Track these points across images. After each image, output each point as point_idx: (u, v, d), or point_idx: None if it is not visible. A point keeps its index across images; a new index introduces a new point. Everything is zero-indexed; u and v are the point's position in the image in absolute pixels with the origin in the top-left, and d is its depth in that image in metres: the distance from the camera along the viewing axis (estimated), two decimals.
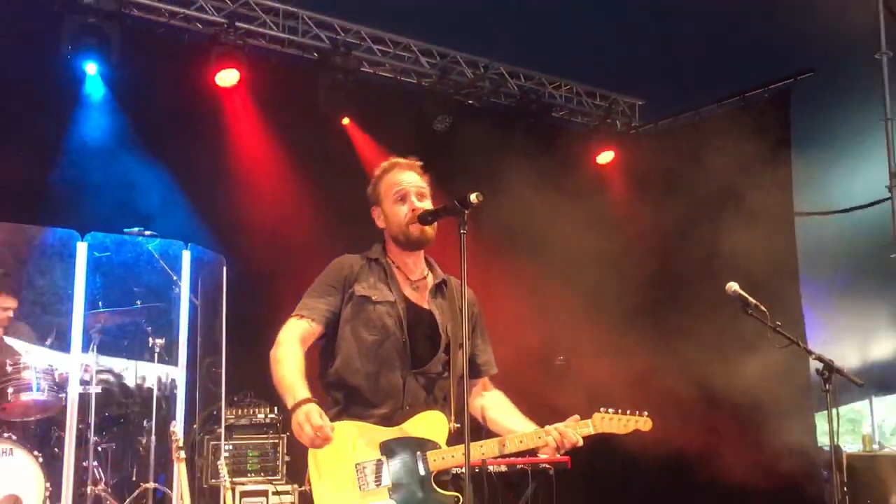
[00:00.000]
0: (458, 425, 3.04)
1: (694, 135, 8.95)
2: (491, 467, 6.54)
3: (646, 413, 3.13)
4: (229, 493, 5.23)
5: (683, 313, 8.66)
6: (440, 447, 3.03)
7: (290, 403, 2.90)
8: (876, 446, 9.93)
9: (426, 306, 3.22)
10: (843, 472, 6.94)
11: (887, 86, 7.42)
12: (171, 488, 6.17)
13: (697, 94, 9.17)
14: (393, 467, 2.98)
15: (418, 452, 3.01)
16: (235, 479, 6.18)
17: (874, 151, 7.66)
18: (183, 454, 4.94)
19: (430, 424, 3.05)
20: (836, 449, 7.82)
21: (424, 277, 3.30)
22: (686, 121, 9.84)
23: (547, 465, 6.84)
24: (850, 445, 13.52)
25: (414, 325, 3.15)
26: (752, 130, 8.49)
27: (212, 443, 6.61)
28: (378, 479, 2.96)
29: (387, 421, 3.05)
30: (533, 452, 3.18)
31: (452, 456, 3.01)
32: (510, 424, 3.20)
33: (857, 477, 6.94)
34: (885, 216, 7.58)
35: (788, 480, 8.49)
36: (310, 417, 2.81)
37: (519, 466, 6.77)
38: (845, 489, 6.85)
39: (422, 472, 2.99)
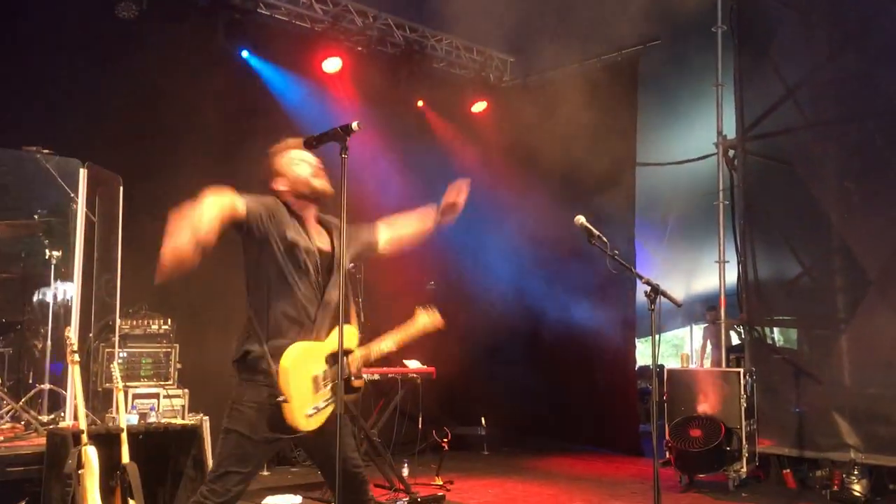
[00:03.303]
0: (362, 335, 3.48)
1: (556, 90, 9.05)
2: (365, 375, 6.57)
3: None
4: (121, 395, 5.04)
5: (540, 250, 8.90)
6: (353, 352, 3.42)
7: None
8: (692, 364, 10.53)
9: (326, 248, 3.39)
10: (663, 384, 7.33)
11: (720, 56, 7.71)
12: (65, 390, 5.94)
13: (561, 54, 9.24)
14: (331, 373, 3.32)
15: (345, 358, 3.31)
16: (128, 383, 5.99)
17: (706, 112, 7.96)
18: (77, 357, 4.72)
19: (347, 336, 3.28)
20: (658, 365, 8.29)
21: (317, 221, 3.45)
22: (550, 78, 9.94)
23: (414, 374, 6.94)
24: (672, 363, 14.31)
25: (324, 267, 3.35)
26: (605, 89, 8.67)
27: (106, 350, 6.36)
28: (326, 381, 3.30)
29: (320, 337, 3.33)
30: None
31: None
32: (413, 227, 3.64)
33: (674, 388, 7.36)
34: (712, 169, 7.93)
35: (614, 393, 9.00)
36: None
37: (390, 375, 6.83)
38: (665, 398, 7.26)
39: (345, 372, 3.32)
